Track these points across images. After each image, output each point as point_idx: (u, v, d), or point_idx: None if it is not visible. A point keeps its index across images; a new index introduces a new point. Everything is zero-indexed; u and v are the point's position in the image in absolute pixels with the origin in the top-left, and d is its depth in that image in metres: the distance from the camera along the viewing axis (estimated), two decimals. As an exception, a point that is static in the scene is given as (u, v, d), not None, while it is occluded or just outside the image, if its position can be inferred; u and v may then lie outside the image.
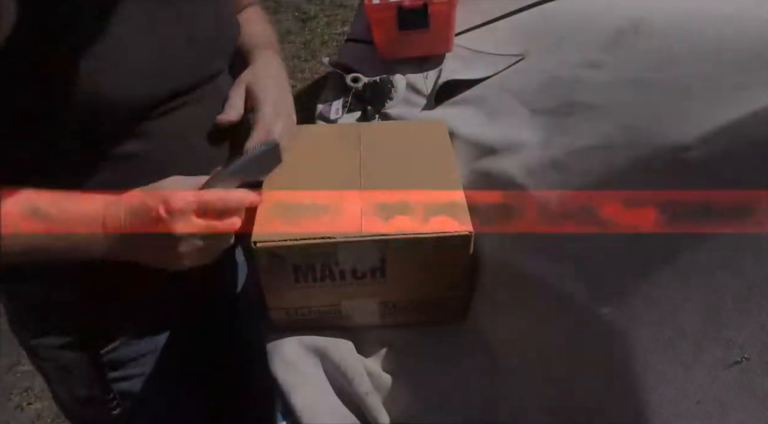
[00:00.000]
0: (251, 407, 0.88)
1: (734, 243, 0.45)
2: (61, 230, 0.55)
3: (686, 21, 0.67)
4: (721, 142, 0.48)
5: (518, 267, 0.64)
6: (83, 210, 0.56)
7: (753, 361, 0.41)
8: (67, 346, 0.69)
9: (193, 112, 0.66)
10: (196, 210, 0.57)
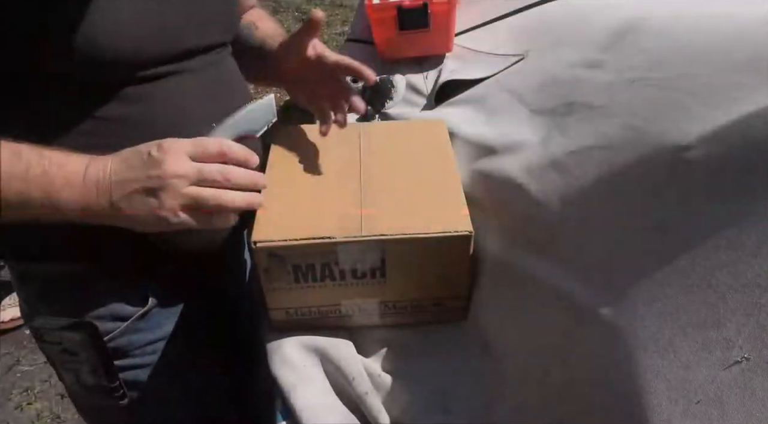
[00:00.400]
0: (252, 407, 0.88)
1: (734, 243, 0.45)
2: (39, 178, 0.52)
3: (686, 21, 0.67)
4: (721, 142, 0.48)
5: (518, 267, 0.64)
6: (66, 160, 0.53)
7: (753, 361, 0.41)
8: (70, 327, 0.69)
9: (191, 81, 0.66)
10: (190, 152, 0.55)
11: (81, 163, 0.54)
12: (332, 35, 3.19)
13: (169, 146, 0.54)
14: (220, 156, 0.56)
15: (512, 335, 0.64)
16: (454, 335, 0.71)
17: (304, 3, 3.53)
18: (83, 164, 0.54)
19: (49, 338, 0.71)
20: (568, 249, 0.58)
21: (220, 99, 0.70)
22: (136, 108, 0.62)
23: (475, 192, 0.73)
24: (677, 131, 0.52)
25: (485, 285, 0.70)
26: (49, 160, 0.52)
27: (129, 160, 0.54)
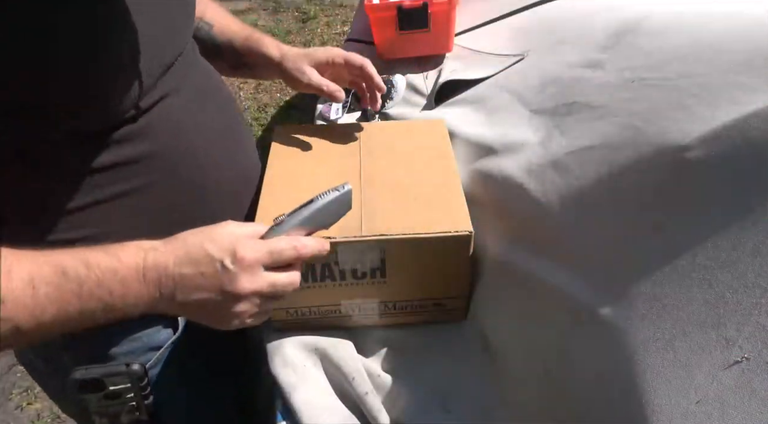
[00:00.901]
0: (252, 407, 0.88)
1: (734, 243, 0.45)
2: (94, 291, 0.47)
3: (686, 21, 0.67)
4: (721, 142, 0.48)
5: (518, 267, 0.64)
6: (117, 264, 0.48)
7: (753, 361, 0.41)
8: (119, 373, 0.67)
9: (179, 98, 0.65)
10: (266, 264, 0.51)
11: (135, 262, 0.49)
12: (332, 35, 3.19)
13: (245, 258, 0.50)
14: (295, 260, 0.53)
15: (512, 334, 0.64)
16: (454, 335, 0.71)
17: (305, 3, 3.53)
18: (138, 263, 0.49)
19: (91, 388, 0.67)
20: (568, 249, 0.58)
21: (209, 104, 0.70)
22: (142, 145, 0.60)
23: (475, 192, 0.73)
24: (677, 131, 0.52)
25: (485, 285, 0.70)
26: (99, 269, 0.47)
27: (198, 264, 0.50)
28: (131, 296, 0.48)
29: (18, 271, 0.44)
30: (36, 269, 0.45)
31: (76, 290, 0.46)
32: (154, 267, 0.49)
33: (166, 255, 0.50)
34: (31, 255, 0.46)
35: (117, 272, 0.48)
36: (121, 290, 0.48)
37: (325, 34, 3.21)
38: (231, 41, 0.82)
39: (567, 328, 0.55)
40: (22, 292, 0.43)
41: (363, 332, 0.73)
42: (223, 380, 0.81)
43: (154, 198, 0.62)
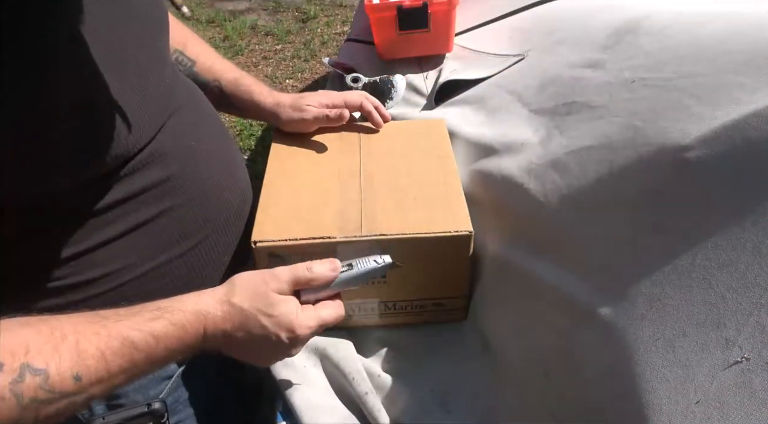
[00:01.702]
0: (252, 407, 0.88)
1: (734, 243, 0.45)
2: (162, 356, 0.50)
3: (686, 21, 0.67)
4: (721, 142, 0.48)
5: (518, 267, 0.64)
6: (183, 334, 0.51)
7: (753, 361, 0.41)
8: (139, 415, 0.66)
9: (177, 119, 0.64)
10: (316, 332, 0.56)
11: (196, 329, 0.52)
12: (332, 35, 3.19)
13: (299, 336, 0.54)
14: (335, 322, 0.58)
15: (512, 334, 0.64)
16: (454, 335, 0.71)
17: (305, 3, 3.53)
18: (199, 329, 0.52)
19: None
20: (568, 249, 0.58)
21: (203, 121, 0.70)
22: (151, 174, 0.59)
23: (475, 192, 0.73)
24: (677, 131, 0.52)
25: (485, 285, 0.70)
26: (167, 338, 0.50)
27: (256, 337, 0.53)
28: (190, 354, 0.52)
29: (86, 346, 0.45)
30: (104, 342, 0.46)
31: (146, 359, 0.49)
32: (213, 334, 0.53)
33: (224, 322, 0.53)
34: (90, 326, 0.47)
35: (182, 340, 0.51)
36: (183, 351, 0.52)
37: (325, 34, 3.21)
38: (218, 81, 0.81)
39: (567, 328, 0.55)
40: (96, 367, 0.45)
41: (363, 332, 0.73)
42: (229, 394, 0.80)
43: (165, 224, 0.62)
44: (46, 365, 0.41)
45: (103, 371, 0.45)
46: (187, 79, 0.73)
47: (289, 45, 3.16)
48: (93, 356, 0.45)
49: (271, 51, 3.13)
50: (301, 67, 2.98)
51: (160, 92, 0.61)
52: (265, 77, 2.88)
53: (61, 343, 0.43)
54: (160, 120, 0.61)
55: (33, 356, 0.41)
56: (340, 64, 1.08)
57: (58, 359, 0.42)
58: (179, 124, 0.64)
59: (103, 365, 0.45)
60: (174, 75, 0.68)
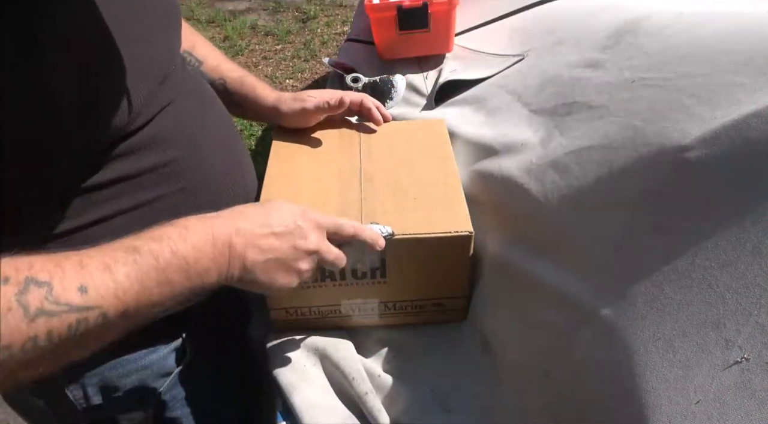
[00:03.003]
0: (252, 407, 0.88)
1: (734, 243, 0.45)
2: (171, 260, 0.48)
3: (686, 21, 0.67)
4: (721, 142, 0.48)
5: (518, 267, 0.64)
6: (187, 233, 0.50)
7: (753, 361, 0.41)
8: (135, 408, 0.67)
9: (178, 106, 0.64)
10: (330, 228, 0.57)
11: (203, 228, 0.51)
12: (332, 35, 3.19)
13: (314, 218, 0.56)
14: (352, 237, 0.59)
15: (512, 335, 0.64)
16: (454, 335, 0.71)
17: (305, 3, 3.53)
18: (207, 229, 0.51)
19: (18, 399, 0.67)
20: (568, 249, 0.58)
21: (209, 112, 0.70)
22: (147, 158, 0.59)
23: (475, 192, 0.73)
24: (677, 131, 0.52)
25: (485, 285, 0.70)
26: (171, 240, 0.49)
27: (269, 226, 0.54)
28: (205, 260, 0.49)
29: (89, 261, 0.43)
30: (107, 255, 0.45)
31: (153, 263, 0.46)
32: (223, 231, 0.51)
33: (231, 221, 0.52)
34: (93, 248, 0.46)
35: (187, 239, 0.49)
36: (195, 255, 0.49)
37: (325, 34, 3.21)
38: (222, 79, 0.82)
39: (567, 328, 0.55)
40: (101, 277, 0.43)
41: (363, 332, 0.73)
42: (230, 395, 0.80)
43: (160, 209, 0.61)
44: (49, 277, 0.41)
45: (110, 281, 0.43)
46: (199, 76, 0.74)
47: (289, 45, 3.16)
48: (97, 268, 0.43)
49: (271, 51, 3.13)
50: (301, 67, 2.98)
51: (166, 72, 0.61)
52: (265, 77, 2.88)
53: (64, 260, 0.42)
54: (163, 100, 0.61)
55: (37, 271, 0.40)
56: (340, 64, 1.08)
57: (62, 273, 0.41)
58: (184, 112, 0.64)
59: (109, 276, 0.43)
60: (183, 66, 0.69)
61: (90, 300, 0.42)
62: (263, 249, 0.53)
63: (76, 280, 0.42)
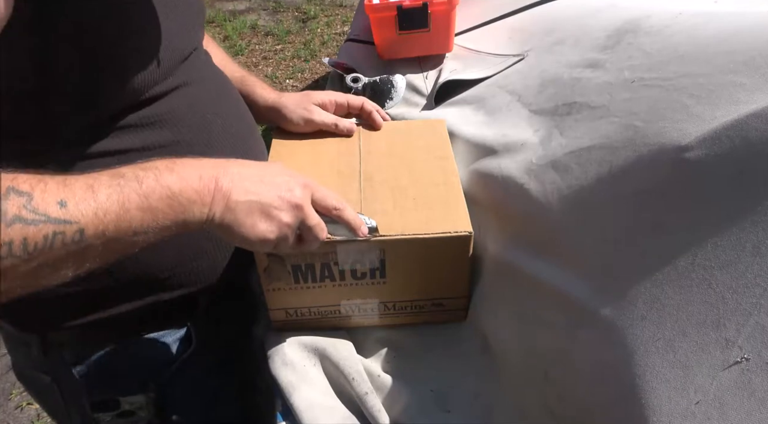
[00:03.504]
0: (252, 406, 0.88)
1: (734, 243, 0.45)
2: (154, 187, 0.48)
3: (686, 21, 0.67)
4: (721, 142, 0.48)
5: (518, 267, 0.64)
6: (173, 164, 0.50)
7: (753, 361, 0.41)
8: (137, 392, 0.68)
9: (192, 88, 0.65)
10: (315, 194, 0.58)
11: (190, 162, 0.51)
12: (332, 35, 3.19)
13: (303, 179, 0.57)
14: (333, 211, 0.59)
15: (512, 335, 0.64)
16: (454, 335, 0.71)
17: (304, 3, 3.53)
18: (194, 163, 0.52)
19: (105, 406, 0.68)
20: (568, 249, 0.58)
21: (225, 97, 0.71)
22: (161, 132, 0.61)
23: (475, 192, 0.73)
24: (677, 131, 0.52)
25: (485, 285, 0.70)
26: (157, 169, 0.49)
27: (260, 173, 0.55)
28: (189, 191, 0.49)
29: (73, 181, 0.44)
30: (92, 177, 0.45)
31: (136, 188, 0.46)
32: (212, 169, 0.51)
33: (222, 164, 0.53)
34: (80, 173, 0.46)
35: (174, 170, 0.49)
36: (180, 185, 0.49)
37: (325, 34, 3.21)
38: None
39: (567, 328, 0.55)
40: (83, 195, 0.43)
41: (363, 332, 0.73)
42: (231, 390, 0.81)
43: None
44: (31, 188, 0.41)
45: (91, 199, 0.43)
46: (218, 68, 0.75)
47: (289, 45, 3.16)
48: (80, 187, 0.44)
49: (271, 51, 3.13)
50: (301, 67, 2.98)
51: (187, 52, 0.64)
52: (265, 77, 2.88)
53: (48, 177, 0.43)
54: (180, 78, 0.63)
55: (19, 182, 0.41)
56: (340, 64, 1.08)
57: (44, 186, 0.42)
58: (199, 95, 0.65)
59: (91, 195, 0.43)
60: (206, 54, 0.72)
61: (68, 214, 0.42)
62: (248, 190, 0.53)
63: (57, 194, 0.42)
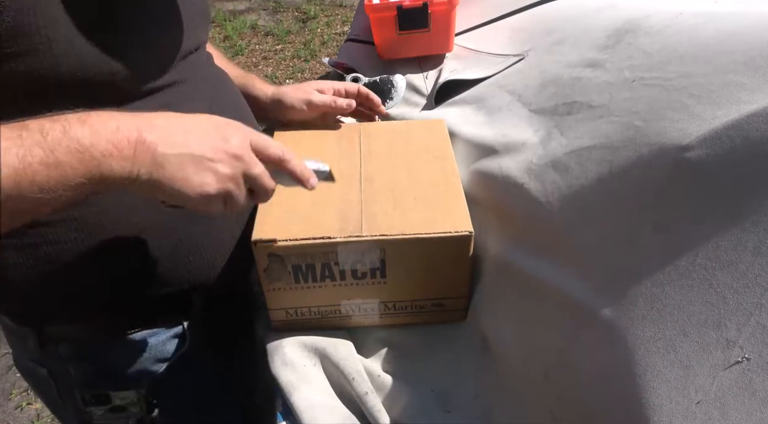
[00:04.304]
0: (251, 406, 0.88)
1: (734, 243, 0.44)
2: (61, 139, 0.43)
3: (686, 21, 0.67)
4: (721, 142, 0.48)
5: (518, 267, 0.64)
6: (86, 116, 0.45)
7: (753, 361, 0.41)
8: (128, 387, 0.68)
9: (191, 85, 0.66)
10: (253, 141, 0.53)
11: (107, 113, 0.47)
12: (332, 35, 3.19)
13: (237, 125, 0.52)
14: (277, 161, 0.55)
15: (512, 335, 0.64)
16: (454, 335, 0.71)
17: (304, 3, 3.53)
18: (111, 114, 0.47)
19: (97, 401, 0.68)
20: (569, 249, 0.58)
21: (225, 95, 0.71)
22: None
23: (475, 192, 0.73)
24: (677, 131, 0.52)
25: (485, 285, 0.70)
26: (66, 121, 0.44)
27: (190, 121, 0.51)
28: (103, 143, 0.44)
29: None
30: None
31: (39, 140, 0.42)
32: (133, 121, 0.47)
33: (145, 116, 0.48)
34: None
35: (86, 122, 0.45)
36: (92, 138, 0.44)
37: (325, 34, 3.21)
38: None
39: (567, 328, 0.55)
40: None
41: (363, 332, 0.73)
42: (228, 388, 0.81)
43: None
44: None
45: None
46: (222, 70, 0.76)
47: (289, 45, 3.16)
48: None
49: (271, 51, 3.13)
50: (301, 67, 2.98)
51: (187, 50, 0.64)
52: (265, 77, 2.88)
53: None
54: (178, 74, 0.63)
55: None
56: (340, 64, 1.08)
57: None
58: (195, 93, 0.66)
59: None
60: (208, 56, 0.72)
61: None
62: (176, 143, 0.48)
63: None
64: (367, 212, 0.67)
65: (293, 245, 0.63)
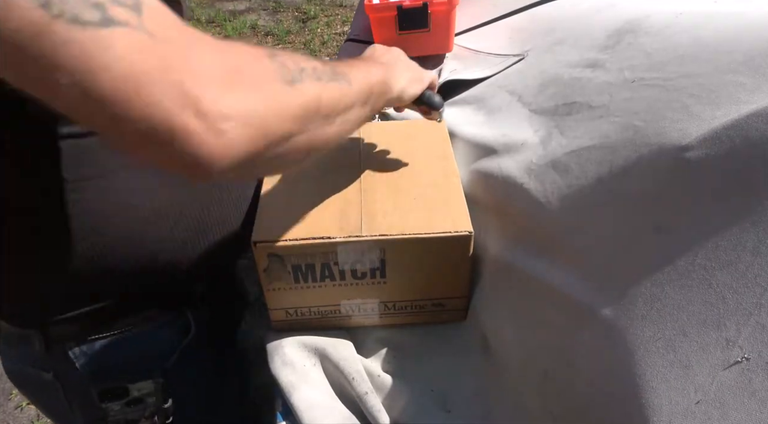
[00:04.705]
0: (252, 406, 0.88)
1: (734, 243, 0.44)
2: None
3: (686, 21, 0.67)
4: (721, 142, 0.48)
5: (518, 267, 0.64)
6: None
7: (753, 361, 0.41)
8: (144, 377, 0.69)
9: None
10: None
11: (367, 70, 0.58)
12: (332, 35, 3.19)
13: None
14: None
15: (512, 335, 0.64)
16: (454, 335, 0.71)
17: (304, 3, 3.54)
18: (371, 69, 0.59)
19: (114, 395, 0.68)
20: (568, 249, 0.58)
21: None
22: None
23: (475, 192, 0.73)
24: (677, 131, 0.52)
25: (485, 285, 0.70)
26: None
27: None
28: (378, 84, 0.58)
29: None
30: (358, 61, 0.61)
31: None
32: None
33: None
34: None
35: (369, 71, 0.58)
36: (378, 76, 0.59)
37: (325, 34, 3.21)
38: None
39: (567, 328, 0.55)
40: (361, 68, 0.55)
41: (363, 332, 0.73)
42: (231, 381, 0.81)
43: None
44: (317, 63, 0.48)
45: (365, 71, 0.55)
46: None
47: (289, 45, 3.16)
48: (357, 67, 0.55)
49: (271, 51, 3.12)
50: (301, 67, 2.98)
51: None
52: (265, 77, 2.88)
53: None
54: None
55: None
56: (340, 64, 1.08)
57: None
58: None
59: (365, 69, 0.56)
60: None
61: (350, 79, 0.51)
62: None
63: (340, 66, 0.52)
64: (366, 212, 0.67)
65: (293, 244, 0.63)
